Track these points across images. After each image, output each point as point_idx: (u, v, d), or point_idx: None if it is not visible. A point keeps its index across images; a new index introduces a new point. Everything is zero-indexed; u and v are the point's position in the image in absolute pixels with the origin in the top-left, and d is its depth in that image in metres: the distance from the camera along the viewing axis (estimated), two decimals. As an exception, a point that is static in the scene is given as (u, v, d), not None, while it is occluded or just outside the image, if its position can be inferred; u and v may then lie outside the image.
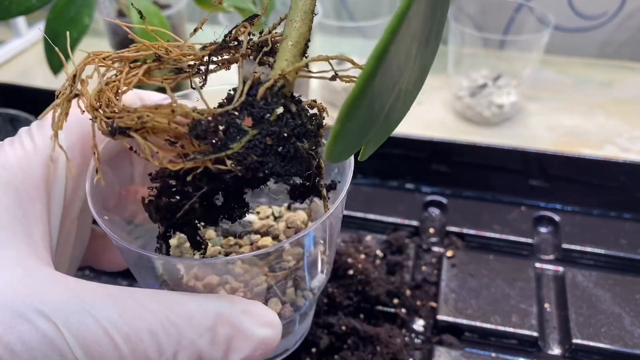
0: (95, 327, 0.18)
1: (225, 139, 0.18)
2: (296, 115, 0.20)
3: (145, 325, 0.18)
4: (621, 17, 0.73)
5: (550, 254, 0.48)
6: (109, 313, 0.18)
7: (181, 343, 0.19)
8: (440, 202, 0.52)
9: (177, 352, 0.19)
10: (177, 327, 0.19)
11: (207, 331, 0.19)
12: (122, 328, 0.18)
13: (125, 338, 0.18)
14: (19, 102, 0.56)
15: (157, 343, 0.19)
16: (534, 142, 0.61)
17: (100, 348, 0.18)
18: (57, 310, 0.17)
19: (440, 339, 0.40)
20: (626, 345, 0.39)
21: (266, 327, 0.21)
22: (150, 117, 0.18)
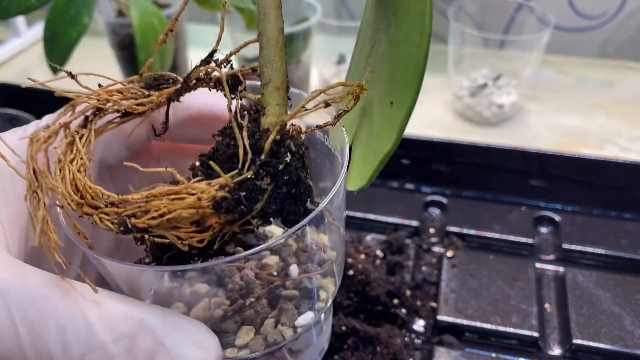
0: (2, 309, 0.17)
1: (249, 203, 0.18)
2: (298, 153, 0.20)
3: (55, 317, 0.17)
4: (621, 17, 0.73)
5: (551, 254, 0.48)
6: (21, 297, 0.17)
7: (91, 345, 0.17)
8: (441, 202, 0.52)
9: (85, 354, 0.17)
10: (90, 327, 0.17)
11: (124, 338, 0.17)
12: (29, 315, 0.17)
13: (29, 327, 0.17)
14: (19, 102, 0.56)
15: (64, 340, 0.17)
16: (534, 142, 0.61)
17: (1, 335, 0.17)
18: None
19: (441, 339, 0.40)
20: (626, 345, 0.39)
21: (196, 348, 0.18)
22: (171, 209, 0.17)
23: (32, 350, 0.17)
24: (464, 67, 0.67)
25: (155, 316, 0.18)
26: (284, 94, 0.20)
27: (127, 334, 0.18)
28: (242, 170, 0.18)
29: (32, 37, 0.81)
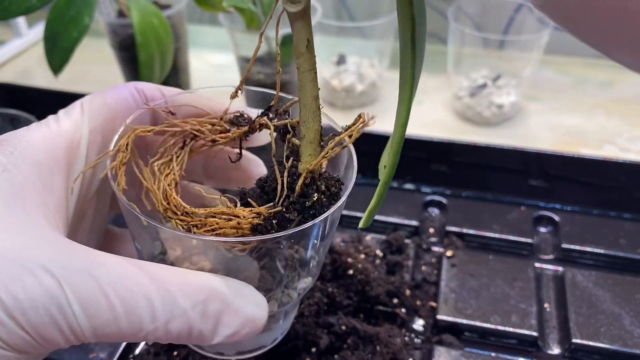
0: (94, 287, 0.19)
1: (278, 229, 0.23)
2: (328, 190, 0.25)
3: (143, 290, 0.20)
4: (621, 17, 0.73)
5: (550, 254, 0.48)
6: (109, 276, 0.19)
7: (174, 312, 0.20)
8: (440, 202, 0.52)
9: (170, 320, 0.20)
10: (172, 297, 0.20)
11: (199, 304, 0.20)
12: (120, 291, 0.19)
13: (122, 300, 0.19)
14: (20, 102, 0.56)
15: (152, 309, 0.20)
16: (534, 142, 0.61)
17: (97, 307, 0.19)
18: (61, 268, 0.19)
19: (440, 338, 0.40)
20: (626, 345, 0.39)
21: (255, 306, 0.22)
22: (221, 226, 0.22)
23: (126, 321, 0.19)
24: (464, 67, 0.67)
25: (222, 283, 0.21)
26: (316, 146, 0.25)
27: (201, 300, 0.21)
28: (277, 203, 0.24)
29: (33, 37, 0.81)
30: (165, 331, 0.20)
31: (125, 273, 0.20)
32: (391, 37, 0.67)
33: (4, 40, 0.81)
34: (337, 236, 0.49)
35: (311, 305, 0.39)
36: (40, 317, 0.18)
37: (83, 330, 0.19)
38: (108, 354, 0.39)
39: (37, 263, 0.19)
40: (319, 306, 0.40)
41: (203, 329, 0.21)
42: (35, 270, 0.19)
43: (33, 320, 0.18)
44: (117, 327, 0.19)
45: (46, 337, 0.19)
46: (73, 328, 0.19)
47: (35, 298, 0.18)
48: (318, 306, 0.40)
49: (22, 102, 0.57)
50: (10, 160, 0.21)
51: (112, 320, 0.19)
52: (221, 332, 0.21)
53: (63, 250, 0.20)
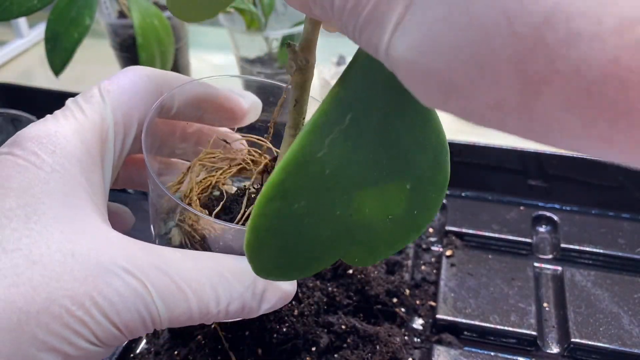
0: (170, 282, 0.21)
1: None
2: None
3: (208, 280, 0.22)
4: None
5: (549, 254, 0.48)
6: (179, 271, 0.21)
7: (232, 295, 0.23)
8: (440, 202, 0.53)
9: (230, 303, 0.23)
10: (229, 283, 0.23)
11: (251, 285, 0.23)
12: (191, 283, 0.22)
13: (193, 291, 0.21)
14: (20, 103, 0.56)
15: (216, 295, 0.22)
16: (533, 142, 0.61)
17: (174, 299, 0.21)
18: (138, 267, 0.21)
19: (440, 338, 0.40)
20: (624, 344, 0.39)
21: (292, 283, 0.25)
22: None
23: (197, 308, 0.22)
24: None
25: None
26: None
27: (252, 281, 0.23)
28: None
29: (34, 38, 0.81)
30: (226, 312, 0.23)
31: (190, 266, 0.22)
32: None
33: (5, 40, 0.81)
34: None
35: (311, 305, 0.40)
36: (131, 315, 0.20)
37: (162, 320, 0.21)
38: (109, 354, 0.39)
39: (117, 265, 0.20)
40: (319, 306, 0.40)
41: (252, 306, 0.24)
42: (119, 272, 0.20)
43: (125, 319, 0.20)
44: (189, 314, 0.22)
45: (132, 331, 0.21)
46: (155, 320, 0.21)
47: (127, 299, 0.20)
48: (318, 306, 0.40)
49: (23, 102, 0.57)
50: (55, 160, 0.21)
51: (187, 309, 0.21)
52: (263, 306, 0.24)
53: (131, 249, 0.21)
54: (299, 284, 0.40)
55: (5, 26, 0.85)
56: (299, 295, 0.40)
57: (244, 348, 0.38)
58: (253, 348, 0.38)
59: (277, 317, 0.38)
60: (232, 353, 0.38)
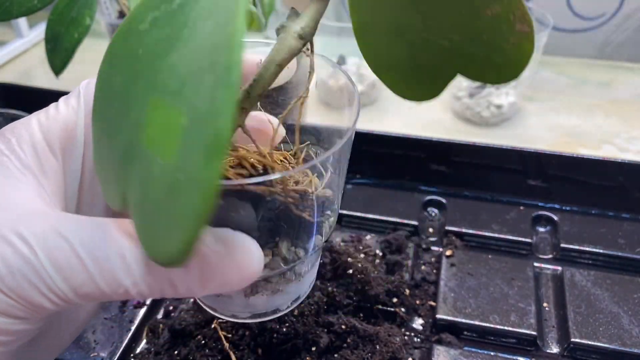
0: (67, 249, 0.19)
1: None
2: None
3: (116, 249, 0.20)
4: (619, 18, 0.73)
5: (549, 254, 0.48)
6: (82, 238, 0.20)
7: (149, 264, 0.20)
8: (440, 202, 0.53)
9: (146, 275, 0.20)
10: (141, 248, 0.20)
11: None
12: (93, 251, 0.20)
13: (94, 260, 0.20)
14: (20, 103, 0.56)
15: (125, 264, 0.20)
16: (533, 142, 0.62)
17: (71, 268, 0.19)
18: (35, 234, 0.20)
19: (440, 337, 0.40)
20: (624, 344, 0.39)
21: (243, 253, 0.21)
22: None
23: (102, 279, 0.20)
24: (463, 68, 0.67)
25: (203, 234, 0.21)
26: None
27: None
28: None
29: (34, 38, 0.81)
30: (147, 285, 0.20)
31: (98, 233, 0.20)
32: (391, 37, 0.67)
33: (5, 40, 0.81)
34: (337, 236, 0.49)
35: (311, 305, 0.40)
36: (18, 281, 0.19)
37: (63, 291, 0.20)
38: (109, 353, 0.39)
39: (14, 231, 0.20)
40: (319, 305, 0.40)
41: (188, 282, 0.20)
42: (11, 238, 0.19)
43: (11, 285, 0.19)
44: (95, 286, 0.20)
45: (30, 300, 0.19)
46: (53, 290, 0.19)
47: (11, 265, 0.19)
48: (318, 305, 0.40)
49: (23, 102, 0.57)
50: (8, 147, 0.22)
51: (89, 280, 0.20)
52: (208, 284, 0.21)
53: (41, 218, 0.20)
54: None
55: (5, 26, 0.85)
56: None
57: (244, 348, 0.38)
58: (253, 348, 0.38)
59: (277, 317, 0.38)
60: (232, 353, 0.38)
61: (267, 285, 0.27)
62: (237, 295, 0.27)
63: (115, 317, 0.42)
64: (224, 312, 0.29)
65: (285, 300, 0.30)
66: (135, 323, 0.41)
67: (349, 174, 0.56)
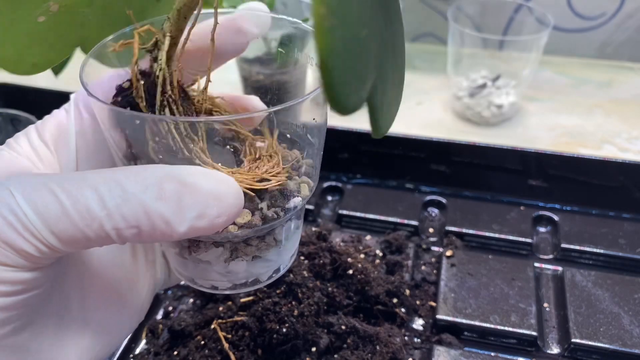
0: (41, 187, 0.20)
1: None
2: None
3: (88, 183, 0.20)
4: (620, 18, 0.73)
5: (549, 254, 0.48)
6: (58, 177, 0.20)
7: (123, 196, 0.20)
8: (440, 202, 0.53)
9: (120, 204, 0.20)
10: (119, 183, 0.20)
11: (152, 186, 0.20)
12: (66, 187, 0.20)
13: (67, 194, 0.20)
14: (20, 103, 0.56)
15: (99, 196, 0.20)
16: (533, 142, 0.62)
17: (44, 204, 0.20)
18: (17, 182, 0.20)
19: (440, 338, 0.40)
20: (625, 344, 0.39)
21: (218, 183, 0.21)
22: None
23: (75, 212, 0.20)
24: (463, 68, 0.67)
25: (177, 168, 0.21)
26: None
27: (153, 182, 0.20)
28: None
29: (33, 38, 0.81)
30: (121, 217, 0.20)
31: (74, 173, 0.20)
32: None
33: (4, 40, 0.81)
34: (337, 236, 0.49)
35: (311, 305, 0.39)
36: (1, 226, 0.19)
37: (41, 232, 0.20)
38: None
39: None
40: (319, 306, 0.40)
41: (163, 212, 0.20)
42: None
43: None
44: (69, 221, 0.20)
45: (13, 245, 0.20)
46: (32, 232, 0.20)
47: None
48: (318, 306, 0.40)
49: (22, 102, 0.57)
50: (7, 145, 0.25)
51: (62, 214, 0.20)
52: (186, 214, 0.20)
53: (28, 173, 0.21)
54: (298, 284, 0.40)
55: (4, 26, 0.85)
56: (299, 296, 0.40)
57: (244, 348, 0.38)
58: (253, 348, 0.38)
59: (277, 317, 0.38)
60: (232, 353, 0.38)
61: (246, 249, 0.27)
62: (217, 260, 0.27)
63: (115, 317, 0.42)
64: (203, 283, 0.29)
65: (265, 269, 0.29)
66: (135, 323, 0.41)
67: (349, 174, 0.56)
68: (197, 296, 0.44)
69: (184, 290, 0.45)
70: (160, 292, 0.45)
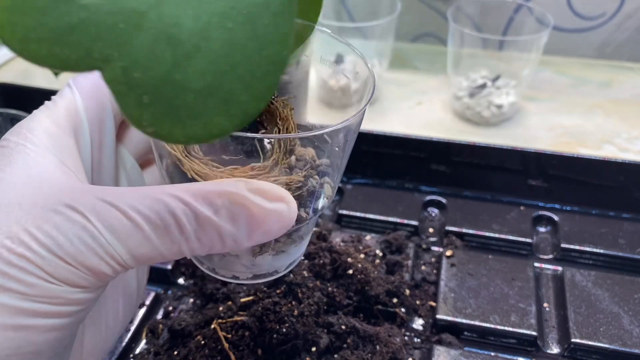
0: (117, 213, 0.20)
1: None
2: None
3: (163, 207, 0.20)
4: (620, 18, 0.73)
5: (549, 254, 0.48)
6: (129, 201, 0.20)
7: (199, 220, 0.21)
8: (440, 202, 0.53)
9: (197, 230, 0.21)
10: (191, 206, 0.21)
11: (222, 209, 0.21)
12: (142, 210, 0.20)
13: (145, 219, 0.20)
14: (20, 102, 0.56)
15: (177, 221, 0.20)
16: (533, 142, 0.62)
17: (124, 229, 0.20)
18: (83, 203, 0.20)
19: (440, 338, 0.40)
20: (625, 344, 0.39)
21: (278, 201, 0.22)
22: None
23: (156, 238, 0.20)
24: (463, 68, 0.67)
25: (237, 186, 0.22)
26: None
27: (221, 204, 0.21)
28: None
29: (33, 37, 0.81)
30: (197, 240, 0.21)
31: (142, 195, 0.21)
32: (391, 37, 0.67)
33: (4, 40, 0.81)
34: (337, 236, 0.49)
35: (311, 305, 0.39)
36: (76, 247, 0.20)
37: (120, 254, 0.20)
38: (108, 354, 0.39)
39: (60, 203, 0.20)
40: (319, 306, 0.40)
41: (234, 232, 0.21)
42: (61, 209, 0.20)
43: (71, 251, 0.20)
44: (151, 246, 0.20)
45: (89, 267, 0.20)
46: (111, 254, 0.20)
47: (67, 232, 0.20)
48: (318, 306, 0.40)
49: (22, 102, 0.57)
50: (20, 137, 0.24)
51: (144, 240, 0.20)
52: (253, 234, 0.22)
53: (82, 189, 0.21)
54: (298, 284, 0.40)
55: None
56: (299, 296, 0.40)
57: (244, 348, 0.38)
58: (253, 348, 0.38)
59: (277, 317, 0.38)
60: (232, 353, 0.38)
61: (275, 245, 0.28)
62: (246, 254, 0.28)
63: (115, 317, 0.42)
64: (225, 274, 0.30)
65: (285, 261, 0.31)
66: (135, 323, 0.41)
67: (349, 174, 0.56)
68: (197, 296, 0.44)
69: (184, 290, 0.45)
70: (161, 292, 0.45)
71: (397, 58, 0.77)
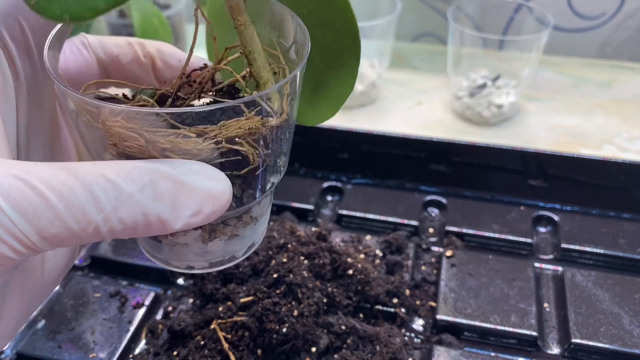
0: (26, 188, 0.18)
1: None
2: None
3: (79, 182, 0.18)
4: (620, 17, 0.73)
5: (550, 254, 0.48)
6: (42, 176, 0.18)
7: (119, 198, 0.19)
8: (440, 202, 0.53)
9: (117, 207, 0.19)
10: (113, 183, 0.19)
11: (146, 186, 0.19)
12: (55, 187, 0.18)
13: (58, 196, 0.18)
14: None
15: (94, 199, 0.19)
16: (533, 142, 0.61)
17: (33, 207, 0.18)
18: None
19: (440, 338, 0.40)
20: (625, 344, 0.39)
21: (212, 180, 0.21)
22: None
23: (70, 216, 0.18)
24: (463, 68, 0.67)
25: (167, 164, 0.20)
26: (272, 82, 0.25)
27: (147, 181, 0.19)
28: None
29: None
30: (118, 220, 0.19)
31: (58, 171, 0.19)
32: (391, 37, 0.67)
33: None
34: (337, 236, 0.49)
35: (311, 305, 0.39)
36: None
37: (27, 235, 0.18)
38: (108, 354, 0.39)
39: None
40: (319, 306, 0.40)
41: (160, 213, 0.20)
42: None
43: None
44: (63, 225, 0.19)
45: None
46: (16, 235, 0.18)
47: None
48: (318, 306, 0.40)
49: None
50: None
51: (55, 219, 0.18)
52: (182, 213, 0.20)
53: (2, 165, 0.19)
54: (298, 284, 0.40)
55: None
56: (299, 296, 0.40)
57: (243, 349, 0.38)
58: (252, 349, 0.38)
59: (276, 317, 0.38)
60: (232, 354, 0.38)
61: (225, 229, 0.26)
62: (195, 242, 0.26)
63: (114, 317, 0.42)
64: (178, 265, 0.28)
65: (241, 245, 0.29)
66: (134, 324, 0.41)
67: (349, 174, 0.56)
68: (197, 296, 0.44)
69: (183, 290, 0.45)
70: (160, 292, 0.45)
71: (397, 58, 0.77)
